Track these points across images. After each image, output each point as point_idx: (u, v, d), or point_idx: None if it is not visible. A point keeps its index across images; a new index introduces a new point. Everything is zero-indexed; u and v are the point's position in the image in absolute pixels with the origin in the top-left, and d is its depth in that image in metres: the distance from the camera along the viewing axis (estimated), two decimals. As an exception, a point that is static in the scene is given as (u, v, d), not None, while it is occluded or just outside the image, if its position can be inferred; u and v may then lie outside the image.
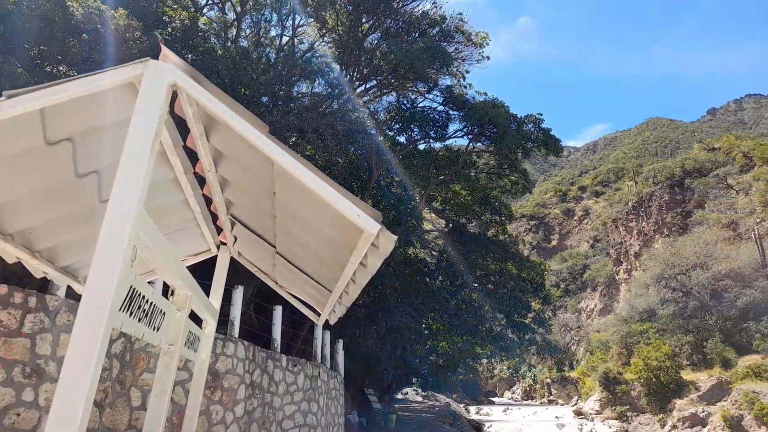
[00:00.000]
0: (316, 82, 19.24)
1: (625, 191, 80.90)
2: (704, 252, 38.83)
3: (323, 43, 19.96)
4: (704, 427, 28.15)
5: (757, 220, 43.98)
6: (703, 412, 29.18)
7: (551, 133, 20.02)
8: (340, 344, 14.60)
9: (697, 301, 37.40)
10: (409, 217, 18.63)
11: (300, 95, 18.84)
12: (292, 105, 17.00)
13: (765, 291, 33.48)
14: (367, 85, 20.81)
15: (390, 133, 21.97)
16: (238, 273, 8.73)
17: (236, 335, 9.41)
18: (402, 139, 21.88)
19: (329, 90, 18.35)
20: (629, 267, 62.08)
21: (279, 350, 10.84)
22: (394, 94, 21.85)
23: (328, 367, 13.21)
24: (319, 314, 3.54)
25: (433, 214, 25.92)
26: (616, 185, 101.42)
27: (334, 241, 2.10)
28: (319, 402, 11.65)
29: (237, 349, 8.87)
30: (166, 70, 1.63)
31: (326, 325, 13.18)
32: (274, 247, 2.94)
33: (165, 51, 1.67)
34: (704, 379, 31.90)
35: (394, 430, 22.54)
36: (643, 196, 62.40)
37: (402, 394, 41.24)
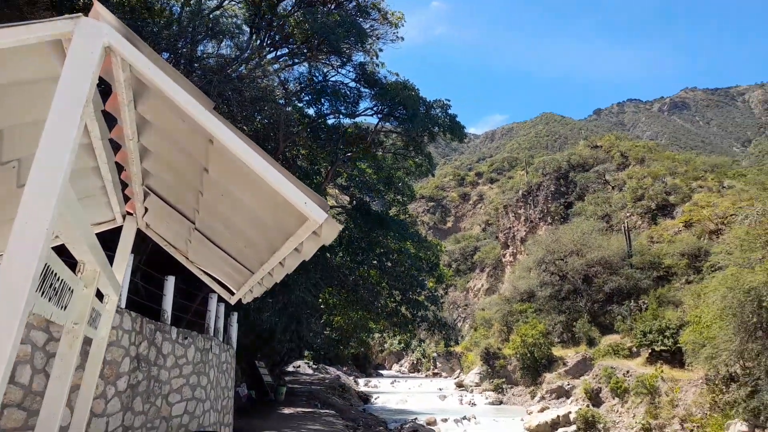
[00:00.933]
0: (224, 43, 18.26)
1: (516, 180, 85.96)
2: (581, 240, 42.37)
3: (233, 3, 18.92)
4: (568, 398, 31.15)
5: (627, 215, 48.83)
6: (569, 385, 32.27)
7: (457, 119, 20.67)
8: (234, 317, 14.28)
9: (571, 285, 40.98)
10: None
11: (205, 55, 17.79)
12: (195, 65, 16.03)
13: (629, 278, 37.40)
14: (278, 53, 20.11)
15: (299, 104, 21.48)
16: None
17: (123, 305, 8.87)
18: (311, 111, 21.52)
19: (237, 53, 17.52)
20: (515, 251, 66.40)
21: (169, 322, 10.39)
22: (306, 65, 21.33)
23: (221, 340, 12.88)
24: (232, 292, 3.43)
25: (337, 191, 25.91)
26: (509, 173, 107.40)
27: (267, 225, 2.03)
28: (210, 375, 11.36)
29: (123, 320, 8.36)
30: (101, 30, 1.45)
31: (221, 298, 12.81)
32: (193, 222, 2.78)
33: (98, 7, 1.49)
34: (571, 356, 35.21)
35: (284, 402, 22.63)
36: (532, 186, 66.69)
37: (294, 367, 41.33)
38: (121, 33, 1.47)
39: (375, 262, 22.10)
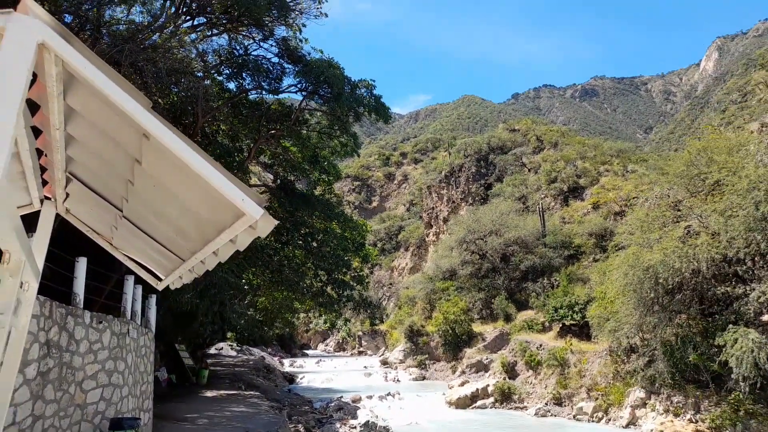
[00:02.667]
0: (135, 8, 17.19)
1: (439, 161, 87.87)
2: (499, 221, 44.29)
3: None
4: (487, 372, 32.79)
5: (542, 196, 51.47)
6: (487, 359, 33.94)
7: (382, 100, 20.80)
8: (153, 300, 13.80)
9: (490, 264, 42.85)
10: (236, 170, 18.02)
11: (114, 21, 16.67)
12: (104, 31, 15.03)
13: (543, 257, 39.64)
14: (195, 22, 19.18)
15: (219, 78, 20.68)
16: (32, 222, 7.70)
17: (33, 290, 8.35)
18: (232, 86, 20.79)
19: (150, 20, 16.59)
20: (438, 230, 68.21)
21: (81, 306, 9.91)
22: (226, 36, 20.50)
23: (139, 323, 12.44)
24: (160, 278, 3.38)
25: (260, 168, 25.38)
26: (433, 154, 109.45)
27: (202, 218, 2.05)
28: (127, 360, 10.99)
29: (33, 305, 7.89)
30: (35, 27, 1.41)
31: (138, 280, 12.34)
32: (121, 210, 2.71)
33: (28, 2, 1.44)
34: (490, 331, 36.99)
35: (206, 386, 22.24)
36: (454, 167, 68.49)
37: (216, 349, 40.53)
38: (55, 30, 1.44)
39: (300, 242, 21.98)
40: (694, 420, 19.33)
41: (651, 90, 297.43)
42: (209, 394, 20.00)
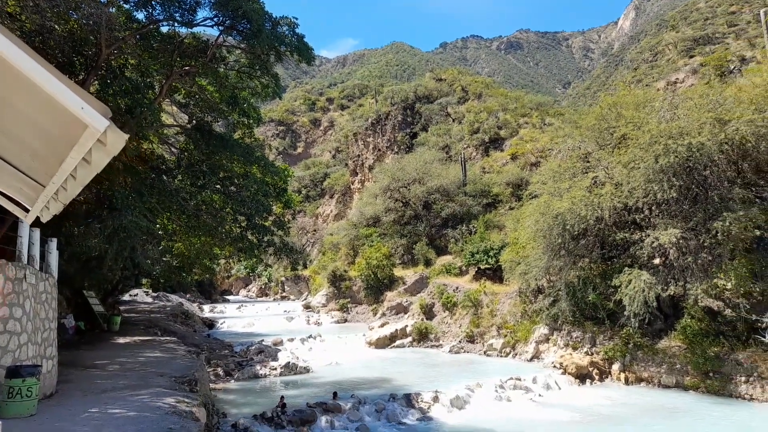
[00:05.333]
0: None
1: (366, 108, 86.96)
2: (423, 169, 45.00)
3: None
4: (406, 313, 33.99)
5: (465, 146, 52.55)
6: (407, 301, 35.11)
7: (305, 40, 19.96)
8: (53, 243, 12.90)
9: (413, 211, 43.72)
10: (146, 108, 16.87)
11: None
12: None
13: (462, 205, 40.91)
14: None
15: (126, 6, 18.90)
16: None
17: None
18: (141, 16, 19.10)
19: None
20: (363, 178, 68.27)
21: (-30, 251, 9.10)
22: (133, -40, 18.64)
23: (37, 268, 11.64)
24: (27, 210, 3.08)
25: (175, 108, 23.88)
26: (360, 101, 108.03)
27: (51, 134, 1.83)
28: (25, 307, 10.31)
29: None
30: None
31: (36, 223, 11.45)
32: (-34, 130, 2.39)
33: None
34: (410, 275, 38.17)
35: (119, 332, 21.51)
36: (381, 115, 68.10)
37: (130, 295, 39.12)
38: None
39: (218, 186, 21.16)
40: (590, 353, 21.19)
41: (572, 46, 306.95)
42: (122, 340, 19.39)
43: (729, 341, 17.76)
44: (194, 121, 21.12)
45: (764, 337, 16.72)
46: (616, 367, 20.37)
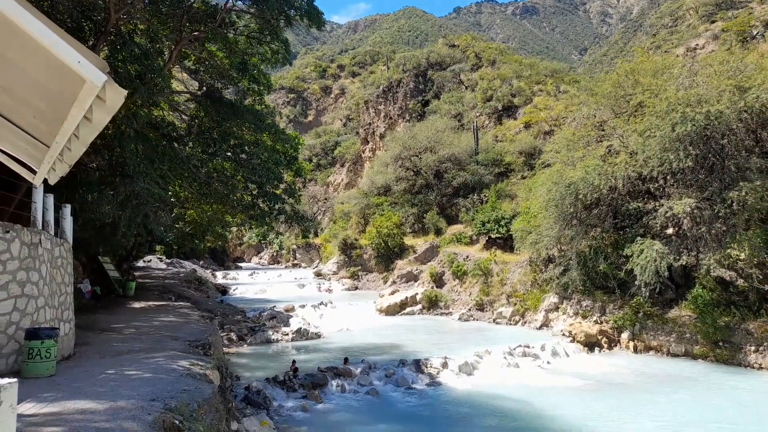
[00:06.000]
0: None
1: (378, 75, 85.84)
2: (434, 138, 44.60)
3: None
4: (416, 281, 34.23)
5: (477, 114, 51.87)
6: (417, 270, 35.31)
7: (315, 4, 19.58)
8: (67, 209, 13.04)
9: (424, 180, 43.55)
10: (156, 74, 16.76)
11: None
12: None
13: (474, 174, 40.63)
14: None
15: (134, -31, 18.60)
16: None
17: None
18: (149, -20, 18.79)
19: None
20: (374, 147, 67.88)
21: (-14, 215, 9.23)
22: None
23: (52, 234, 11.80)
24: (35, 172, 3.09)
25: (185, 74, 23.73)
26: (371, 68, 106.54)
27: (52, 92, 1.82)
28: (41, 271, 10.49)
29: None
30: None
31: (50, 188, 11.56)
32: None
33: None
34: (421, 244, 38.28)
35: (134, 297, 21.94)
36: (392, 82, 67.20)
37: (144, 261, 39.73)
38: None
39: (229, 154, 21.14)
40: (599, 321, 21.27)
41: (589, 10, 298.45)
42: (137, 305, 19.76)
43: (740, 311, 17.70)
44: (204, 88, 20.98)
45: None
46: (625, 335, 20.45)
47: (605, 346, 20.41)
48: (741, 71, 19.32)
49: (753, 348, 17.11)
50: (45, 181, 10.94)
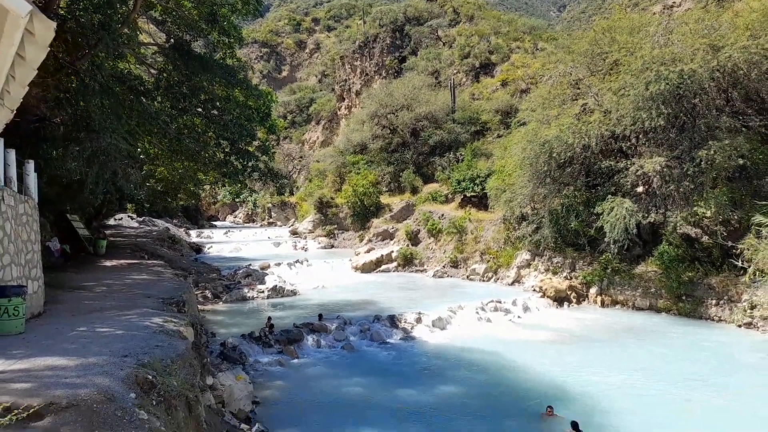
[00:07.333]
0: None
1: (354, 30, 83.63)
2: (411, 95, 44.02)
3: None
4: (392, 239, 34.46)
5: (455, 72, 51.24)
6: (393, 228, 35.49)
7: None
8: (30, 165, 12.58)
9: (400, 138, 43.23)
10: (121, 24, 16.03)
11: None
12: None
13: (451, 132, 40.45)
14: None
15: None
16: None
17: None
18: None
19: None
20: (350, 104, 66.81)
21: (-57, 171, 8.85)
22: None
23: (15, 190, 11.43)
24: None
25: (152, 26, 22.72)
26: (347, 22, 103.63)
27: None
28: (5, 228, 10.20)
29: None
30: None
31: (11, 143, 11.13)
32: None
33: None
34: (397, 203, 38.37)
35: (106, 256, 21.60)
36: (369, 37, 65.60)
37: (115, 220, 39.00)
38: None
39: (200, 109, 20.53)
40: (569, 277, 21.84)
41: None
42: (108, 263, 19.49)
43: (703, 267, 18.34)
44: (172, 40, 20.16)
45: (738, 261, 17.25)
46: (593, 290, 21.08)
47: (574, 301, 21.03)
48: (715, 30, 19.37)
49: (714, 302, 17.83)
50: (4, 136, 10.50)
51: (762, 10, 19.02)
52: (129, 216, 43.25)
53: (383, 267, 29.57)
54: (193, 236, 44.00)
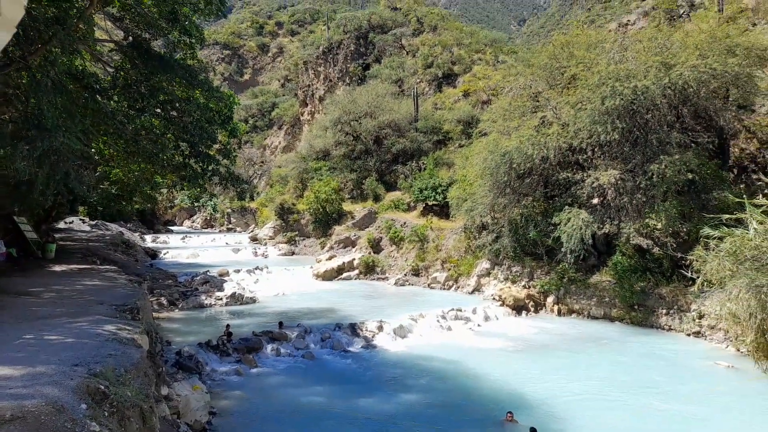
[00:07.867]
0: None
1: (318, 35, 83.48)
2: (375, 103, 44.17)
3: None
4: (354, 247, 34.36)
5: (418, 81, 51.74)
6: (355, 235, 35.39)
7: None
8: (-24, 165, 12.01)
9: (363, 146, 43.29)
10: (77, 19, 15.47)
11: None
12: None
13: (413, 141, 40.77)
14: None
15: None
16: None
17: None
18: None
19: None
20: (313, 109, 66.53)
21: None
22: None
23: (-40, 191, 10.86)
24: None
25: (110, 23, 22.01)
26: (311, 27, 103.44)
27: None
28: (-52, 231, 9.69)
29: None
30: None
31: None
32: None
33: None
34: (359, 210, 38.32)
35: (55, 260, 20.70)
36: (333, 43, 65.61)
37: (66, 223, 37.47)
38: None
39: (158, 110, 19.95)
40: (527, 286, 22.25)
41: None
42: (58, 268, 18.67)
43: (654, 277, 19.01)
44: (130, 38, 19.57)
45: (687, 272, 17.94)
46: (550, 299, 21.54)
47: (532, 309, 21.43)
48: (667, 48, 20.22)
49: (664, 311, 18.50)
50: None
51: (710, 32, 19.98)
52: (81, 219, 41.62)
53: (345, 274, 29.42)
54: (149, 241, 42.72)
